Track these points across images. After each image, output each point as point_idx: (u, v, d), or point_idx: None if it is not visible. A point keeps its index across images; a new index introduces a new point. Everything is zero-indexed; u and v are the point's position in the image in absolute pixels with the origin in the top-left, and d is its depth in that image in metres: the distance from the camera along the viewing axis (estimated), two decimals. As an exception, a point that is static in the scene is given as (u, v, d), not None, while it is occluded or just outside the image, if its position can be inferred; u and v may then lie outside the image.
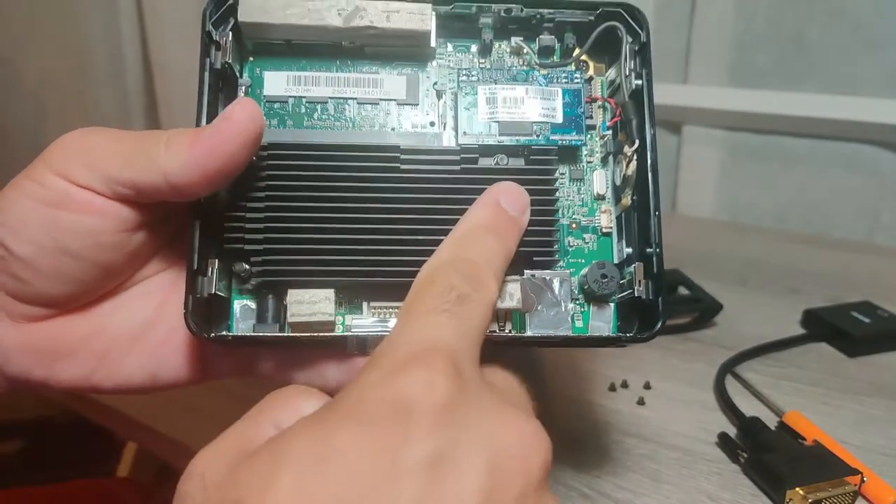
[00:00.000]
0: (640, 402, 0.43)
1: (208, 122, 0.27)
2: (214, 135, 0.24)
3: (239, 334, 0.27)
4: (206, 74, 0.27)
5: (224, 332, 0.27)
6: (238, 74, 0.29)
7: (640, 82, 0.29)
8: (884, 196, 0.71)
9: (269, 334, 0.27)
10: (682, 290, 0.55)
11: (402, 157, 0.28)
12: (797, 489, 0.33)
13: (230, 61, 0.28)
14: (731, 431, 0.39)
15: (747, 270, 0.62)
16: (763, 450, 0.36)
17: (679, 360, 0.47)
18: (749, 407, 0.41)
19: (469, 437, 0.17)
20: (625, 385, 0.44)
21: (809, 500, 0.32)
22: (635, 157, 0.28)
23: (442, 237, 0.25)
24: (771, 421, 0.39)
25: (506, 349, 0.26)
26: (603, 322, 0.29)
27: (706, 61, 0.76)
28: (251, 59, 0.30)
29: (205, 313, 0.26)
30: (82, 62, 1.13)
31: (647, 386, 0.44)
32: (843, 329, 0.48)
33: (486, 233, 0.24)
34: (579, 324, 0.29)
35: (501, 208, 0.25)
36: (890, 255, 0.66)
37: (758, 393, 0.43)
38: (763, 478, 0.35)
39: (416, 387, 0.18)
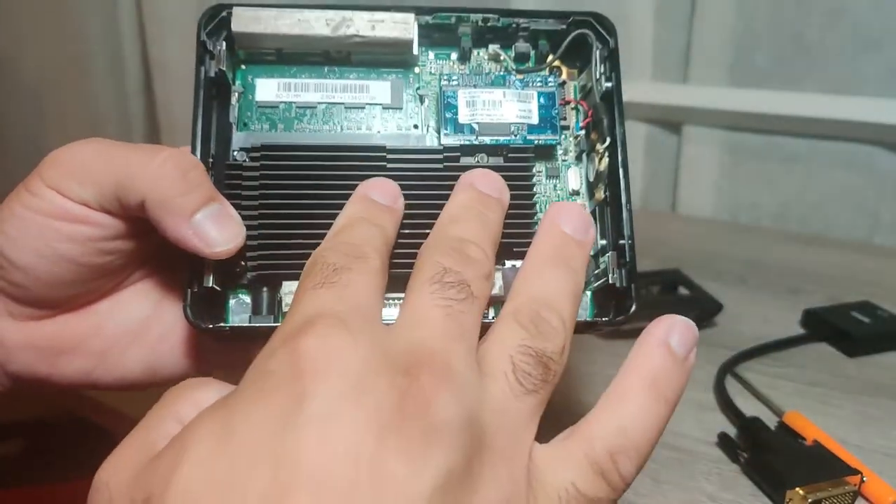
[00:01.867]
0: (640, 402, 0.43)
1: (203, 127, 0.28)
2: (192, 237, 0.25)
3: (237, 325, 0.28)
4: (202, 82, 0.28)
5: (222, 324, 0.28)
6: (231, 82, 0.30)
7: (610, 84, 0.30)
8: (884, 196, 0.71)
9: (266, 324, 0.28)
10: (682, 290, 0.55)
11: (388, 156, 0.29)
12: (797, 489, 0.33)
13: (224, 68, 0.29)
14: (731, 431, 0.39)
15: (747, 270, 0.62)
16: (763, 450, 0.36)
17: (679, 360, 0.47)
18: (749, 407, 0.41)
19: (359, 386, 0.17)
20: (625, 385, 0.44)
21: (809, 500, 0.32)
22: (607, 154, 0.30)
23: (427, 230, 0.27)
24: (771, 421, 0.39)
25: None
26: (580, 309, 0.30)
27: (706, 61, 0.76)
28: (243, 66, 0.31)
29: (203, 307, 0.27)
30: (82, 62, 1.13)
31: (647, 386, 0.44)
32: (843, 329, 0.48)
33: (360, 221, 0.24)
34: None
35: (372, 200, 0.26)
36: (890, 255, 0.66)
37: (758, 393, 0.43)
38: (763, 478, 0.35)
39: (303, 349, 0.18)
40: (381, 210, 0.25)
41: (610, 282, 0.29)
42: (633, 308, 0.28)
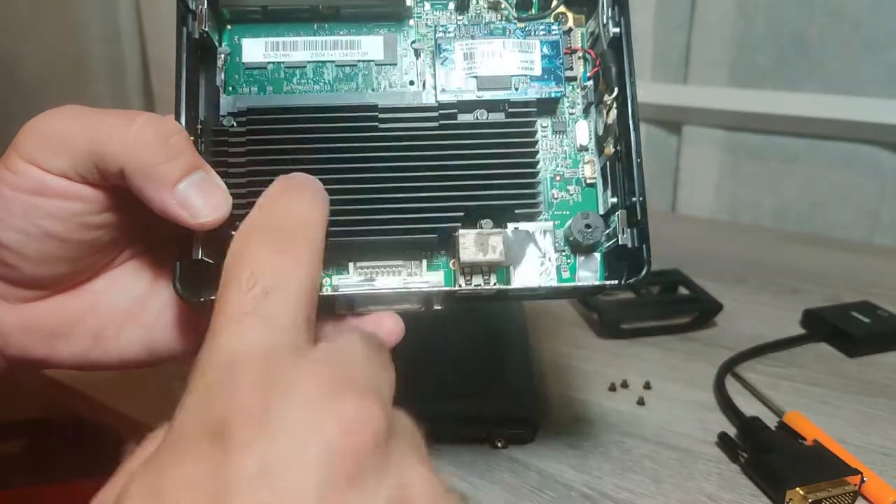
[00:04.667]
0: (640, 402, 0.43)
1: (189, 92, 0.27)
2: (176, 206, 0.24)
3: None
4: (184, 44, 0.27)
5: (213, 297, 0.27)
6: (217, 43, 0.29)
7: (618, 30, 0.28)
8: (884, 196, 0.71)
9: None
10: (682, 290, 0.55)
11: (381, 115, 0.28)
12: (797, 489, 0.33)
13: (207, 30, 0.28)
14: (731, 431, 0.39)
15: (747, 270, 0.62)
16: (763, 450, 0.36)
17: (679, 360, 0.47)
18: (749, 407, 0.41)
19: (290, 436, 0.17)
20: (625, 385, 0.44)
21: (809, 500, 0.32)
22: (615, 105, 0.28)
23: (424, 193, 0.26)
24: (771, 421, 0.39)
25: (493, 302, 0.26)
26: (590, 272, 0.29)
27: (706, 61, 0.76)
28: (229, 27, 0.30)
29: (193, 280, 0.26)
30: (81, 61, 1.13)
31: (647, 386, 0.44)
32: (843, 329, 0.48)
33: (293, 190, 0.23)
34: (566, 275, 0.29)
35: (301, 177, 0.24)
36: (890, 255, 0.66)
37: (758, 393, 0.43)
38: (763, 478, 0.35)
39: (228, 405, 0.17)
40: (312, 185, 0.24)
41: (620, 242, 0.27)
42: (646, 270, 0.26)
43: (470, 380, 0.41)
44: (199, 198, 0.24)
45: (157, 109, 1.09)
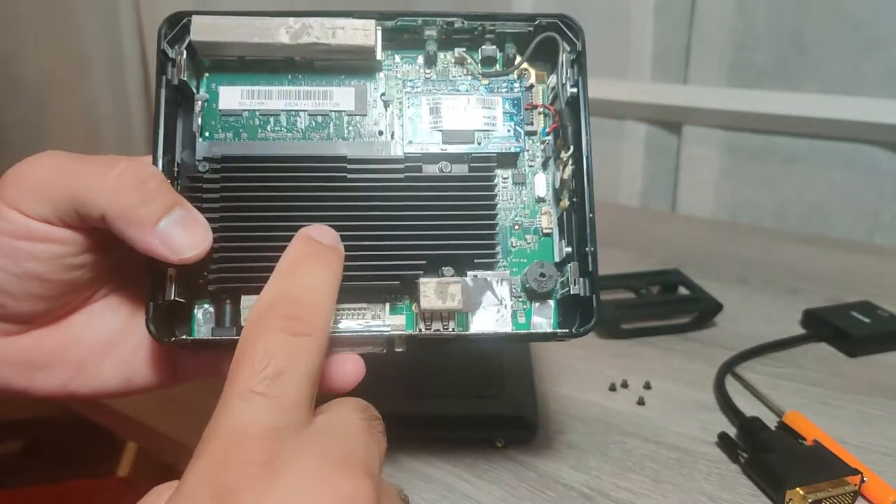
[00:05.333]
0: (640, 402, 0.43)
1: (166, 136, 0.28)
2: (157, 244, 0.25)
3: (198, 338, 0.28)
4: (163, 91, 0.28)
5: (184, 337, 0.28)
6: (195, 90, 0.30)
7: (575, 90, 0.30)
8: (884, 196, 0.71)
9: (226, 337, 0.28)
10: (682, 290, 0.55)
11: (349, 166, 0.29)
12: (797, 489, 0.33)
13: (185, 78, 0.29)
14: (731, 431, 0.39)
15: (747, 270, 0.62)
16: (763, 450, 0.36)
17: (679, 360, 0.47)
18: (749, 407, 0.41)
19: None
20: (625, 385, 0.44)
21: (809, 500, 0.32)
22: (571, 161, 0.30)
23: (389, 242, 0.28)
24: (771, 421, 0.39)
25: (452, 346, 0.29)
26: (544, 318, 0.30)
27: (706, 61, 0.76)
28: (207, 74, 0.31)
29: (166, 319, 0.27)
30: (83, 62, 1.13)
31: (647, 386, 0.44)
32: (843, 329, 0.48)
33: (311, 260, 0.24)
34: (522, 320, 0.30)
35: (316, 240, 0.25)
36: (890, 255, 0.66)
37: (758, 393, 0.43)
38: (763, 478, 0.35)
39: (235, 476, 0.18)
40: (329, 249, 0.25)
41: (572, 292, 0.29)
42: (594, 321, 0.28)
43: (470, 380, 0.41)
44: (179, 234, 0.26)
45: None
